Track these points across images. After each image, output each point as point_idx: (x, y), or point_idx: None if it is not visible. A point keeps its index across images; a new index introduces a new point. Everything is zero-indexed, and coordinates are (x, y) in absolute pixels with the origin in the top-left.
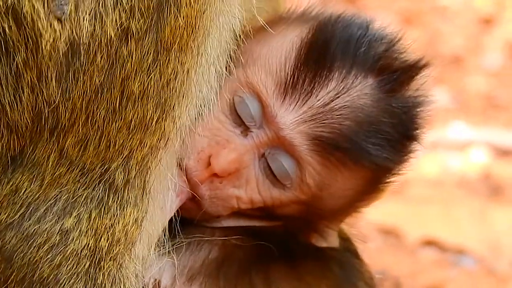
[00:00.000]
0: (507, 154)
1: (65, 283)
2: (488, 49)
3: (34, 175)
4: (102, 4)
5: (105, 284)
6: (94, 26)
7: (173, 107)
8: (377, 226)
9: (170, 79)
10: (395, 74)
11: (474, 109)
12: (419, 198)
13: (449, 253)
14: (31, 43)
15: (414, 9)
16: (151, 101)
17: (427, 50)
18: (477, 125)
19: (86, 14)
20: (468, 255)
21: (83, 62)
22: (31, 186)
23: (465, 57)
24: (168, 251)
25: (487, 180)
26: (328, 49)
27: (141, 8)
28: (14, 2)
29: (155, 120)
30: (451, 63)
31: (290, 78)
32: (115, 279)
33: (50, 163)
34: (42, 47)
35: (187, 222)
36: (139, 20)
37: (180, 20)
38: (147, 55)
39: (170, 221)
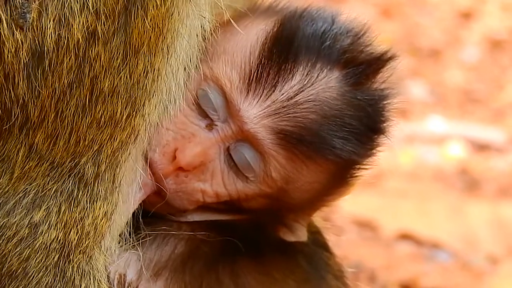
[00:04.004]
0: (484, 148)
1: (33, 276)
2: (467, 43)
3: (4, 169)
4: (68, 8)
5: (74, 277)
6: (60, 30)
7: (143, 104)
8: (352, 218)
9: (140, 78)
10: (361, 67)
11: (452, 103)
12: (395, 191)
13: (425, 247)
14: None
15: (392, 2)
16: (121, 99)
17: (405, 43)
18: (454, 119)
19: (50, 20)
20: (443, 249)
21: (50, 65)
22: (0, 179)
23: (443, 51)
24: (133, 245)
25: (463, 175)
26: (292, 43)
27: (107, 11)
28: None
29: (125, 116)
30: (429, 57)
31: (254, 72)
32: (85, 272)
33: (20, 157)
34: (5, 55)
35: (154, 216)
36: (106, 23)
37: (147, 23)
38: (116, 56)
39: (135, 214)
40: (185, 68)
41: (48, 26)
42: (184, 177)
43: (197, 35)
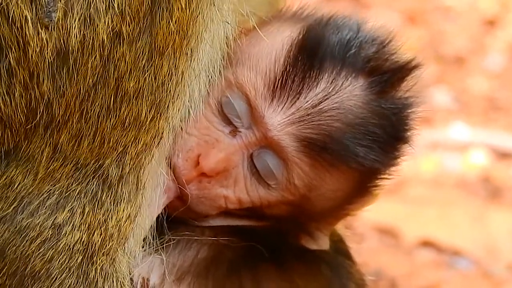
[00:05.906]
0: (507, 156)
1: (57, 277)
2: (491, 51)
3: (28, 169)
4: (93, 8)
5: (97, 279)
6: (85, 31)
7: (167, 107)
8: (374, 225)
9: (164, 80)
10: (386, 76)
11: (475, 110)
12: (417, 198)
13: (446, 254)
14: (22, 44)
15: (417, 9)
16: (145, 100)
17: (430, 49)
18: (478, 126)
19: (75, 20)
20: (465, 257)
21: (75, 64)
22: (25, 180)
23: (468, 58)
24: (157, 249)
25: (486, 182)
26: (318, 51)
27: (132, 13)
28: (4, 6)
29: (149, 119)
30: (453, 64)
31: (279, 79)
32: (108, 274)
33: (44, 158)
34: (30, 54)
35: (177, 221)
36: (130, 23)
37: (172, 25)
38: (140, 57)
39: (158, 219)
40: (207, 74)
41: (74, 26)
42: (207, 183)
43: (219, 41)
